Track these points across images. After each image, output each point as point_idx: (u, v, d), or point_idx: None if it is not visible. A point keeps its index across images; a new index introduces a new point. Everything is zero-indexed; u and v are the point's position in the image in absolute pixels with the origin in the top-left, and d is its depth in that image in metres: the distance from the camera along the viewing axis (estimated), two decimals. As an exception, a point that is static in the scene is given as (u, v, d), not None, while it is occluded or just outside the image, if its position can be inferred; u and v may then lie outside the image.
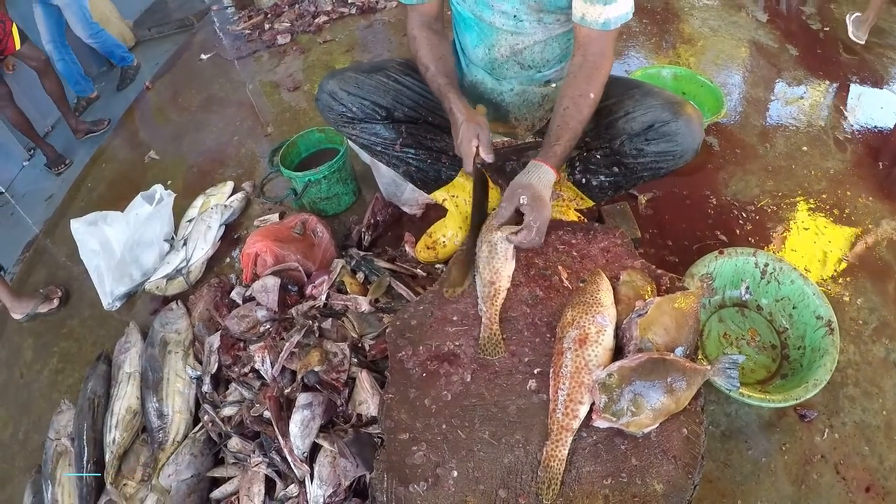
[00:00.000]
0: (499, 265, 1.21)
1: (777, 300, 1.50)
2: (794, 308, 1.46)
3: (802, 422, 1.37)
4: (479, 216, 1.37)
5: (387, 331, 1.24)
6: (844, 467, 1.30)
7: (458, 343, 1.15)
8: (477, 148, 1.33)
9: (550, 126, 1.29)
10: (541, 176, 1.23)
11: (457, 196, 1.53)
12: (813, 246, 1.74)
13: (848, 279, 1.64)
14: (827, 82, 2.37)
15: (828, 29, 2.70)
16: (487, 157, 1.34)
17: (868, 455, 1.31)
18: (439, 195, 1.56)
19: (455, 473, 0.99)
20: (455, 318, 1.18)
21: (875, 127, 2.13)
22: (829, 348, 1.32)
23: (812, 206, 1.86)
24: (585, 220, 1.53)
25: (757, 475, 1.30)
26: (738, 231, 1.80)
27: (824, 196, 1.88)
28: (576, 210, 1.54)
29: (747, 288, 1.53)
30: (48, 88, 3.19)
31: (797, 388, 1.27)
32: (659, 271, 1.23)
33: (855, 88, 2.32)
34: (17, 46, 2.90)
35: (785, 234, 1.78)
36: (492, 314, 1.16)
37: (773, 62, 2.52)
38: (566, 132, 1.26)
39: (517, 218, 1.25)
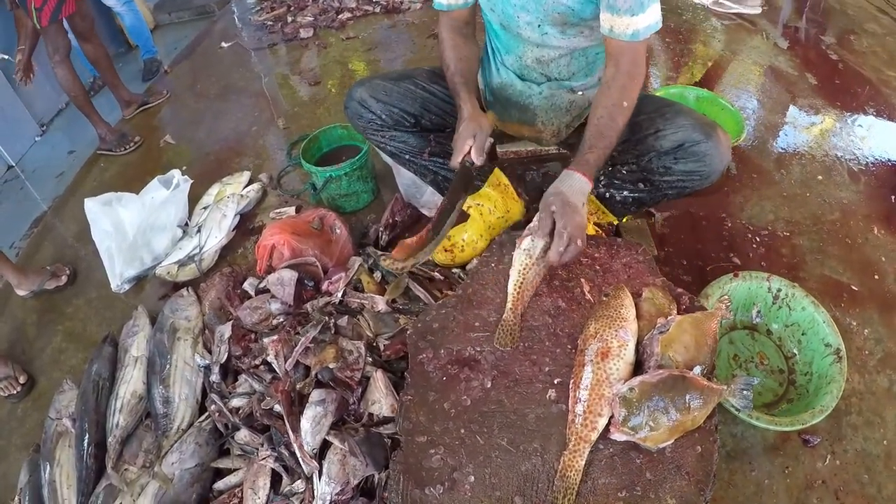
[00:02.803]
0: (530, 275, 1.21)
1: (787, 326, 1.51)
2: (803, 334, 1.48)
3: (805, 446, 1.38)
4: (449, 208, 1.37)
5: (408, 332, 1.24)
6: (844, 493, 1.31)
7: (479, 349, 1.15)
8: (470, 148, 1.35)
9: (584, 135, 1.29)
10: (572, 184, 1.22)
11: (482, 205, 1.54)
12: (823, 274, 1.76)
13: (857, 309, 1.66)
14: (844, 112, 2.39)
15: (847, 59, 2.73)
16: (477, 160, 1.36)
17: (867, 483, 1.33)
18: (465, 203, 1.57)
19: (472, 478, 0.99)
20: (477, 324, 1.19)
21: (889, 160, 2.15)
22: (836, 376, 1.33)
23: (825, 235, 1.88)
24: (603, 234, 1.54)
25: (759, 496, 1.31)
26: (750, 255, 1.81)
27: (837, 226, 1.90)
28: (594, 224, 1.55)
29: (759, 312, 1.54)
30: (92, 55, 2.82)
31: (803, 413, 1.28)
32: (679, 290, 1.24)
33: (870, 120, 2.35)
34: None
35: (797, 261, 1.79)
36: (513, 314, 1.18)
37: (792, 89, 2.54)
38: (600, 140, 1.26)
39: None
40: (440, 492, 0.98)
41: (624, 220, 1.67)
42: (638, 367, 1.08)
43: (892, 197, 2.00)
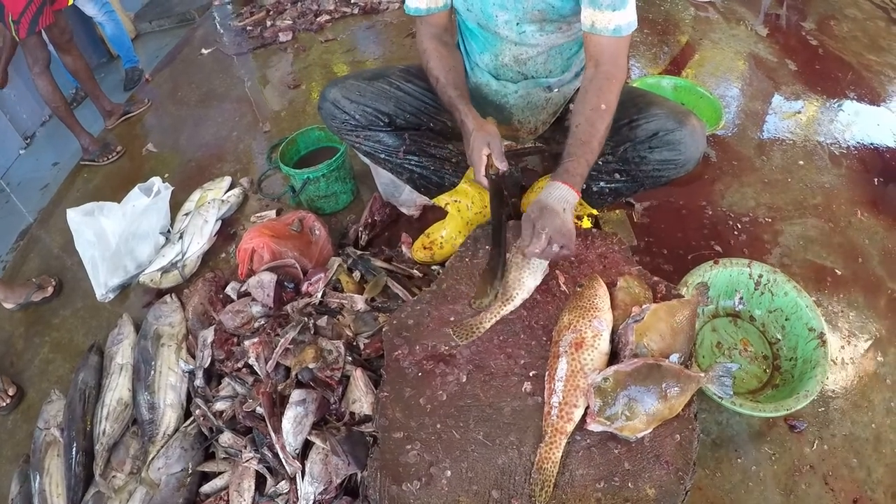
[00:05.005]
0: (524, 276, 1.21)
1: (770, 311, 1.51)
2: (786, 320, 1.47)
3: (792, 432, 1.38)
4: (497, 225, 1.34)
5: (383, 329, 1.24)
6: (833, 478, 1.31)
7: (454, 344, 1.15)
8: (489, 157, 1.32)
9: (566, 143, 1.27)
10: (550, 192, 1.20)
11: (459, 201, 1.53)
12: (806, 258, 1.76)
13: (841, 293, 1.65)
14: (824, 97, 2.39)
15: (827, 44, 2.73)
16: (501, 166, 1.33)
17: (856, 467, 1.32)
18: (442, 199, 1.56)
19: (448, 473, 0.99)
20: (452, 319, 1.19)
21: (871, 143, 2.15)
22: (820, 360, 1.33)
23: (807, 219, 1.88)
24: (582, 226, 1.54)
25: (746, 484, 1.30)
26: (732, 242, 1.81)
27: (820, 210, 1.90)
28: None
29: (741, 298, 1.54)
30: (72, 67, 2.79)
31: (788, 399, 1.28)
32: (655, 278, 1.24)
33: (852, 105, 2.35)
34: (70, 1, 2.63)
35: (779, 247, 1.79)
36: (493, 312, 1.17)
37: (772, 76, 2.54)
38: (580, 148, 1.23)
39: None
40: (417, 487, 0.98)
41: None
42: (614, 358, 1.08)
43: (875, 180, 2.00)
